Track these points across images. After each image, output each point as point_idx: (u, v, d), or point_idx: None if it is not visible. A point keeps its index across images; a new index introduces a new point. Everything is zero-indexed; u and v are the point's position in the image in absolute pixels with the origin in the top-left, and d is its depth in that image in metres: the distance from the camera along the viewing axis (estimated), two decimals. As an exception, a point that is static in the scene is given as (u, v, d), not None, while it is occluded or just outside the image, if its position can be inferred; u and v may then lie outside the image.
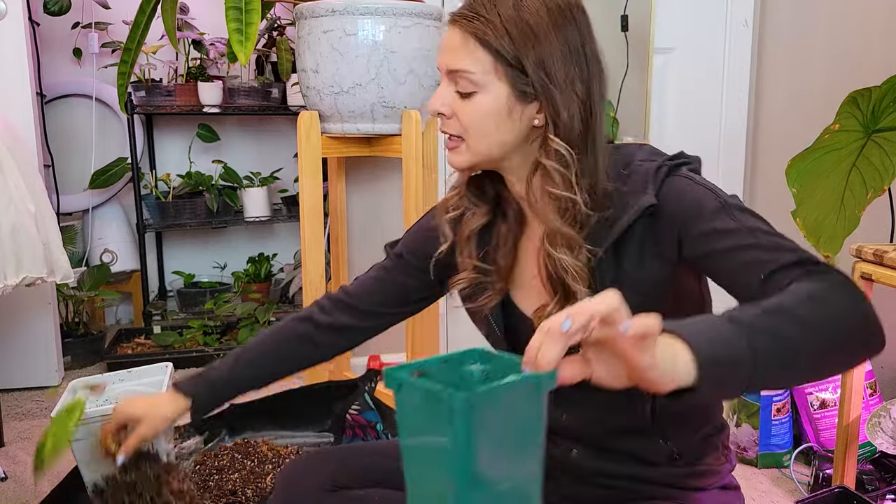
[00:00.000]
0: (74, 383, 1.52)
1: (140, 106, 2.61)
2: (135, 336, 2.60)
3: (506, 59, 0.88)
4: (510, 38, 0.87)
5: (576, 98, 0.89)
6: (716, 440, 1.02)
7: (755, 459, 1.77)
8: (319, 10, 1.82)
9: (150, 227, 2.71)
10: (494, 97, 0.89)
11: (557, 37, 0.88)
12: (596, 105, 0.92)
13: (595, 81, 0.92)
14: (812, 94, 2.21)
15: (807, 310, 0.71)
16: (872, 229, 1.90)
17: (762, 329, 0.68)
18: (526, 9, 0.88)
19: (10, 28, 2.06)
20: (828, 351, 0.72)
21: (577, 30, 0.90)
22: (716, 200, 0.87)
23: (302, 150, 1.95)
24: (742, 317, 0.69)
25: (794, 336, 0.69)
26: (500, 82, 0.89)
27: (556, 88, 0.88)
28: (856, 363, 0.77)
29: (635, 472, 0.98)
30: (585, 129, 0.91)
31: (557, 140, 0.89)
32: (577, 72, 0.89)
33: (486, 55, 0.88)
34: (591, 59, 0.91)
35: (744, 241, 0.82)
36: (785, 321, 0.69)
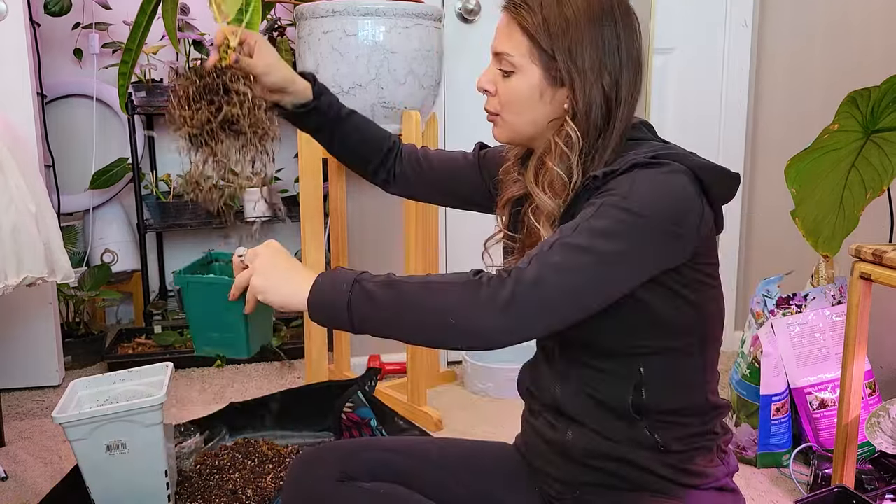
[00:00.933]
0: (75, 383, 1.53)
1: (140, 106, 2.62)
2: (135, 336, 2.61)
3: (541, 46, 0.98)
4: (547, 27, 0.97)
5: (601, 89, 0.97)
6: (709, 443, 1.04)
7: (754, 459, 1.78)
8: (320, 11, 1.82)
9: (150, 227, 2.72)
10: (528, 79, 1.00)
11: (592, 30, 0.97)
12: (622, 100, 0.99)
13: (625, 79, 0.99)
14: (811, 95, 2.21)
15: (415, 296, 0.90)
16: (872, 229, 1.90)
17: (372, 297, 0.90)
18: (568, 4, 0.98)
19: (10, 28, 2.07)
20: (409, 329, 0.91)
21: (614, 27, 0.98)
22: (609, 207, 0.92)
23: (302, 150, 1.95)
24: (371, 283, 0.91)
25: (393, 310, 0.90)
26: (534, 66, 0.99)
27: (580, 77, 0.97)
28: (449, 347, 0.95)
29: (626, 455, 1.01)
30: (605, 120, 0.99)
31: (571, 124, 0.98)
32: (607, 65, 0.98)
33: (525, 40, 0.99)
34: (626, 57, 0.99)
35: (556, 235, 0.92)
36: (392, 296, 0.90)
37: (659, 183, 0.94)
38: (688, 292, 0.98)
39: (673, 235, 0.93)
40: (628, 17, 1.00)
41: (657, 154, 0.97)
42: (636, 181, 0.93)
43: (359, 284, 0.91)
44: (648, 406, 1.00)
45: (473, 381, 2.24)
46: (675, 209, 0.93)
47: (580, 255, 0.89)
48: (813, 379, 1.74)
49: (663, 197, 0.93)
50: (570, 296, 0.90)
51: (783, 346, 1.75)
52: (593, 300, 0.91)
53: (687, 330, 1.00)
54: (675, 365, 1.01)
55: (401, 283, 0.91)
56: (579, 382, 1.04)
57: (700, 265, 0.99)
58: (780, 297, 1.79)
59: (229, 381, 2.34)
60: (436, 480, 1.11)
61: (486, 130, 1.10)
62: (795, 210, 1.76)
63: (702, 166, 0.98)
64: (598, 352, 1.02)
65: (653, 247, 0.92)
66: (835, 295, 1.77)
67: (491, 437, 1.57)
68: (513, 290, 0.87)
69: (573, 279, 0.89)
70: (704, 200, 0.97)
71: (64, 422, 1.36)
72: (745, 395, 1.78)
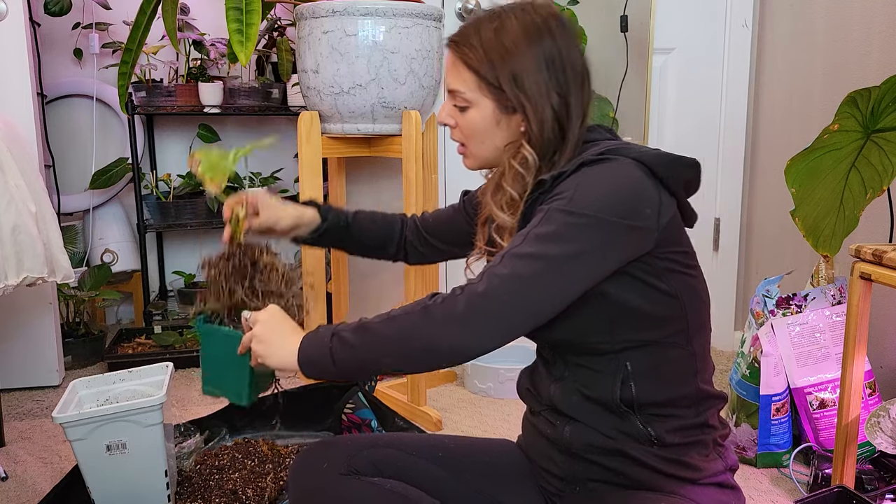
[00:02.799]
0: (75, 383, 1.53)
1: (141, 106, 2.62)
2: (135, 336, 2.61)
3: (486, 80, 1.02)
4: (489, 60, 1.01)
5: (551, 109, 1.01)
6: (704, 436, 1.04)
7: (754, 459, 1.78)
8: (320, 11, 1.82)
9: (150, 227, 2.72)
10: (483, 111, 1.04)
11: (532, 53, 1.00)
12: (573, 115, 1.02)
13: (574, 93, 1.02)
14: (811, 95, 2.21)
15: (382, 332, 0.96)
16: (871, 229, 1.90)
17: (350, 344, 0.97)
18: (504, 31, 1.01)
19: (10, 28, 2.07)
20: (388, 358, 0.96)
21: (553, 42, 1.01)
22: (554, 212, 0.95)
23: (302, 150, 1.96)
24: (346, 332, 0.98)
25: (368, 350, 0.96)
26: (485, 98, 1.03)
27: (530, 102, 1.01)
28: (427, 369, 1.00)
29: (622, 448, 1.02)
30: (560, 137, 1.03)
31: (527, 147, 1.03)
32: (552, 83, 1.01)
33: (471, 76, 1.03)
34: (571, 71, 1.02)
35: (507, 247, 0.97)
36: (365, 338, 0.97)
37: (605, 179, 0.96)
38: (660, 282, 0.99)
39: (625, 228, 0.94)
40: (565, 30, 1.03)
41: (605, 150, 1.00)
42: (582, 181, 0.96)
43: (336, 336, 0.98)
44: (639, 399, 1.01)
45: (473, 381, 2.24)
46: (624, 203, 0.95)
47: (527, 263, 0.93)
48: (813, 379, 1.74)
49: (610, 193, 0.95)
50: (521, 304, 0.93)
51: (783, 346, 1.75)
52: (546, 305, 0.94)
53: (667, 320, 1.01)
54: (661, 357, 1.02)
55: (369, 325, 0.97)
56: (571, 381, 1.06)
57: (668, 253, 0.99)
58: (780, 297, 1.79)
59: (229, 381, 2.34)
60: (439, 477, 1.11)
61: (487, 130, 1.13)
62: (795, 210, 1.76)
63: (651, 156, 0.99)
64: (585, 350, 1.03)
65: (603, 244, 0.94)
66: (835, 295, 1.77)
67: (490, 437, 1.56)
68: (465, 304, 0.92)
69: (521, 287, 0.93)
70: (662, 189, 0.99)
71: (64, 422, 1.36)
72: (745, 395, 1.78)
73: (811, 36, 2.21)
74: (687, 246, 1.04)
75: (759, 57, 2.47)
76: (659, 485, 1.02)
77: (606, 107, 2.45)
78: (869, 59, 1.97)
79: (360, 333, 0.97)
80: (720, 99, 2.53)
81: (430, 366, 0.98)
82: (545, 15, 1.02)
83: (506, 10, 1.03)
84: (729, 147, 2.54)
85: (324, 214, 1.31)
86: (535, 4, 1.04)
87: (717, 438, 1.06)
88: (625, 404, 1.01)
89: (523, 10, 1.03)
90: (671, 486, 1.02)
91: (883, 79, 1.59)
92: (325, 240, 1.34)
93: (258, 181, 2.80)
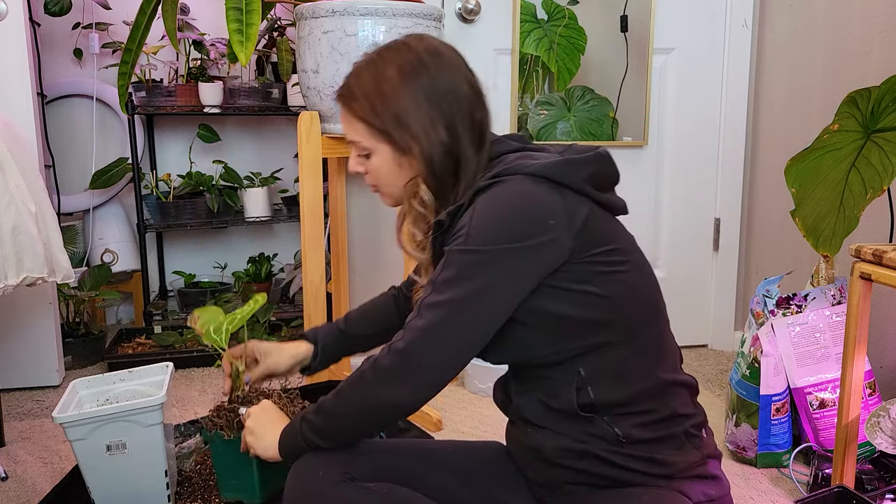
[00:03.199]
0: (75, 383, 1.53)
1: (141, 106, 2.62)
2: (135, 336, 2.61)
3: (375, 127, 1.05)
4: (373, 108, 1.05)
5: (438, 142, 1.03)
6: (675, 430, 1.04)
7: (754, 459, 1.78)
8: (320, 11, 1.82)
9: (150, 227, 2.72)
10: (382, 156, 1.07)
11: (409, 92, 1.03)
12: (463, 144, 1.04)
13: (461, 120, 1.05)
14: (811, 95, 2.21)
15: (336, 409, 1.04)
16: (872, 229, 1.90)
17: (315, 427, 1.05)
18: (381, 75, 1.05)
19: (10, 28, 2.07)
20: (343, 429, 1.06)
21: (430, 76, 1.04)
22: (454, 254, 0.98)
23: (302, 150, 1.95)
24: (310, 415, 1.06)
25: (322, 431, 1.05)
26: (381, 144, 1.06)
27: (416, 140, 1.04)
28: (389, 426, 1.16)
29: (592, 450, 1.03)
30: (454, 169, 1.05)
31: (423, 186, 1.06)
32: (436, 116, 1.03)
33: (362, 126, 1.07)
34: (453, 99, 1.04)
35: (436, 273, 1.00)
36: (324, 418, 1.04)
37: (498, 204, 0.98)
38: (590, 287, 0.99)
39: (527, 249, 0.95)
40: (441, 61, 1.05)
41: (498, 172, 1.01)
42: (476, 213, 0.98)
43: (304, 422, 1.06)
44: (598, 402, 1.02)
45: (473, 381, 2.24)
46: (522, 223, 0.96)
47: (438, 312, 0.96)
48: (813, 379, 1.74)
49: (504, 218, 0.96)
50: (442, 352, 0.97)
51: (783, 346, 1.75)
52: (475, 339, 0.98)
53: (607, 321, 1.01)
54: (612, 356, 1.02)
55: (324, 403, 1.05)
56: (534, 392, 1.07)
57: (591, 256, 0.99)
58: (780, 297, 1.79)
59: (229, 381, 2.34)
60: (436, 481, 1.11)
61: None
62: (795, 210, 1.76)
63: (543, 166, 0.99)
64: (538, 364, 1.04)
65: (508, 272, 0.96)
66: (835, 295, 1.77)
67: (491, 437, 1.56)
68: (391, 362, 0.98)
69: (438, 336, 0.96)
70: (568, 193, 0.99)
71: (64, 422, 1.36)
72: (745, 395, 1.78)
73: (811, 36, 2.21)
74: (615, 241, 1.03)
75: (759, 57, 2.47)
76: (633, 482, 1.02)
77: (606, 107, 2.45)
78: (869, 59, 1.97)
79: (322, 415, 1.04)
80: (720, 99, 2.53)
81: (386, 423, 1.05)
82: (419, 51, 1.05)
83: (381, 54, 1.07)
84: (729, 147, 2.54)
85: (313, 339, 1.35)
86: (409, 43, 1.07)
87: (689, 429, 1.05)
88: (585, 409, 1.02)
89: (398, 51, 1.06)
90: (646, 483, 1.02)
91: (883, 79, 1.59)
92: (329, 359, 1.36)
93: (258, 181, 2.80)
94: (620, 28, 2.42)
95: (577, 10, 2.38)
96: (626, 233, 1.07)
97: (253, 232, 3.08)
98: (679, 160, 2.55)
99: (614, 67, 2.44)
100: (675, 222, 2.57)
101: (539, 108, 2.42)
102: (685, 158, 2.55)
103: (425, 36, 1.09)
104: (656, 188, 2.56)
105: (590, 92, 2.43)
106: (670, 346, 1.09)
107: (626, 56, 2.44)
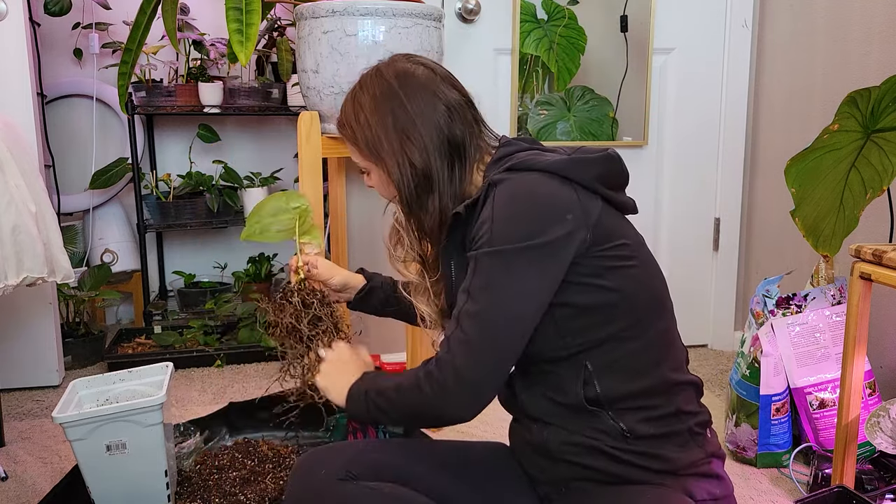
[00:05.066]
0: (75, 383, 1.53)
1: (140, 106, 2.62)
2: (135, 336, 2.61)
3: (361, 149, 1.12)
4: (354, 134, 1.12)
5: (409, 165, 1.07)
6: (679, 427, 1.05)
7: (754, 459, 1.78)
8: (319, 11, 1.82)
9: (150, 227, 2.72)
10: (378, 174, 1.13)
11: (380, 118, 1.09)
12: (433, 162, 1.07)
13: (430, 139, 1.07)
14: (811, 95, 2.21)
15: (400, 404, 1.05)
16: (871, 229, 1.90)
17: (375, 405, 1.07)
18: (358, 104, 1.12)
19: (10, 28, 2.07)
20: (406, 420, 1.18)
21: (400, 101, 1.08)
22: (481, 259, 1.00)
23: (302, 150, 1.95)
24: (374, 395, 1.07)
25: (386, 413, 1.07)
26: (371, 164, 1.13)
27: (386, 165, 1.09)
28: (438, 425, 1.17)
29: (597, 445, 1.03)
30: (428, 188, 1.08)
31: (400, 207, 1.12)
32: (406, 141, 1.07)
33: (353, 148, 1.14)
34: (420, 120, 1.08)
35: (458, 306, 1.02)
36: (384, 402, 1.06)
37: (518, 201, 0.99)
38: (601, 280, 1.01)
39: (553, 242, 0.97)
40: (410, 82, 1.09)
41: (511, 165, 1.03)
42: (495, 212, 0.99)
43: (369, 397, 1.08)
44: (604, 396, 1.03)
45: (473, 381, 2.23)
46: (544, 218, 0.97)
47: (480, 321, 0.98)
48: (813, 379, 1.74)
49: (526, 214, 0.98)
50: (494, 357, 0.99)
51: (783, 346, 1.75)
52: (517, 341, 0.99)
53: (616, 315, 1.02)
54: (619, 351, 1.03)
55: (387, 391, 1.07)
56: (539, 388, 1.08)
57: (604, 251, 1.01)
58: (780, 297, 1.79)
59: (229, 381, 2.34)
60: (438, 481, 1.12)
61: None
62: (795, 210, 1.76)
63: (555, 162, 1.01)
64: (544, 359, 1.05)
65: (540, 266, 0.97)
66: (835, 295, 1.77)
67: (492, 437, 1.57)
68: (453, 379, 0.98)
69: (486, 344, 0.98)
70: (580, 190, 1.00)
71: (64, 422, 1.36)
72: (745, 395, 1.78)
73: (811, 36, 2.21)
74: (625, 237, 1.05)
75: (759, 57, 2.47)
76: (638, 479, 1.03)
77: (606, 107, 2.45)
78: (869, 59, 1.97)
79: (384, 400, 1.07)
80: (720, 99, 2.53)
81: (447, 426, 1.14)
82: (389, 77, 1.10)
83: (362, 82, 1.13)
84: (729, 147, 2.54)
85: (368, 277, 1.42)
86: (380, 68, 1.12)
87: (693, 427, 1.06)
88: (592, 403, 1.03)
89: (371, 78, 1.12)
90: (650, 480, 1.03)
91: (883, 79, 1.59)
92: (371, 299, 1.41)
93: (258, 181, 2.80)
94: (620, 28, 2.42)
95: (577, 10, 2.38)
96: (635, 231, 1.09)
97: (253, 232, 3.08)
98: (679, 160, 2.55)
99: (614, 67, 2.44)
100: (675, 222, 2.57)
101: (539, 108, 2.42)
102: (685, 158, 2.55)
103: (399, 58, 1.14)
104: (656, 188, 2.56)
105: (590, 92, 2.43)
106: (677, 344, 1.10)
107: (626, 56, 2.44)
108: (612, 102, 2.45)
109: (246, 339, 2.54)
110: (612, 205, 1.05)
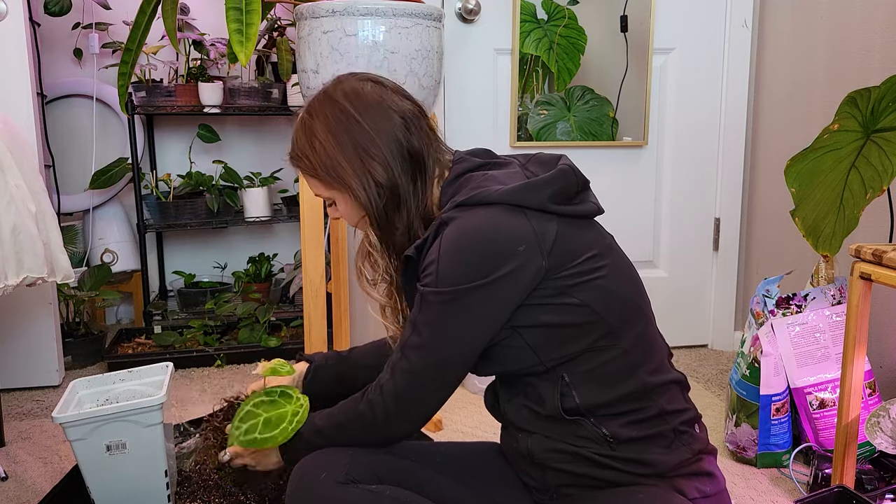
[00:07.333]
0: (75, 383, 1.53)
1: (140, 106, 2.62)
2: (135, 336, 2.61)
3: (321, 179, 1.09)
4: (312, 164, 1.08)
5: (373, 184, 1.06)
6: (663, 428, 1.04)
7: (754, 459, 1.78)
8: (319, 11, 1.82)
9: (150, 227, 2.72)
10: (344, 202, 1.10)
11: (335, 143, 1.06)
12: (398, 176, 1.06)
13: (390, 153, 1.06)
14: (811, 95, 2.21)
15: (341, 437, 1.10)
16: (871, 229, 1.90)
17: (315, 446, 1.10)
18: (311, 132, 1.08)
19: (10, 28, 2.07)
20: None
21: (353, 122, 1.05)
22: (427, 295, 1.01)
23: (302, 150, 1.95)
24: (312, 437, 1.12)
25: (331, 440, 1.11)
26: (338, 192, 1.09)
27: (350, 188, 1.07)
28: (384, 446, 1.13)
29: (581, 451, 1.04)
30: (396, 203, 1.07)
31: (370, 229, 1.11)
32: (368, 159, 1.06)
33: (315, 181, 1.11)
34: (378, 137, 1.05)
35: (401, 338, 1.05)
36: (322, 440, 1.11)
37: (465, 243, 0.98)
38: (569, 298, 1.00)
39: (502, 279, 0.97)
40: (361, 100, 1.06)
41: (460, 203, 1.01)
42: (441, 253, 0.98)
43: (307, 443, 1.12)
44: (584, 406, 1.03)
45: (473, 381, 2.24)
46: (492, 256, 0.97)
47: (424, 353, 1.01)
48: (813, 379, 1.74)
49: (473, 253, 0.97)
50: (436, 386, 1.04)
51: (783, 346, 1.75)
52: (460, 370, 1.03)
53: (588, 329, 1.02)
54: (594, 362, 1.03)
55: (324, 430, 1.11)
56: (520, 399, 1.09)
57: (566, 269, 1.00)
58: (780, 297, 1.79)
59: (229, 381, 2.34)
60: (437, 483, 1.12)
61: (487, 129, 1.13)
62: (795, 210, 1.76)
63: (504, 194, 1.00)
64: (523, 373, 1.06)
65: (486, 304, 0.98)
66: (835, 295, 1.77)
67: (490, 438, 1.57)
68: (390, 407, 1.04)
69: (429, 374, 1.02)
70: (533, 215, 0.99)
71: (64, 422, 1.36)
72: (745, 395, 1.78)
73: (811, 36, 2.21)
74: (590, 248, 1.03)
75: (759, 57, 2.47)
76: (627, 482, 1.03)
77: (606, 107, 2.45)
78: (869, 59, 1.97)
79: (323, 440, 1.11)
80: (720, 99, 2.53)
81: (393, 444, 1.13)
82: (339, 98, 1.07)
83: (310, 110, 1.10)
84: (729, 147, 2.54)
85: (309, 360, 1.39)
86: (328, 91, 1.09)
87: (678, 426, 1.06)
88: (571, 413, 1.03)
89: (321, 103, 1.09)
90: (639, 482, 1.03)
91: (883, 79, 1.59)
92: (322, 377, 1.37)
93: (258, 181, 2.80)
94: (620, 28, 2.42)
95: (577, 10, 2.38)
96: (601, 235, 1.07)
97: (253, 232, 3.08)
98: (679, 160, 2.55)
99: (614, 67, 2.44)
100: (675, 222, 2.57)
101: (539, 108, 2.42)
102: (685, 158, 2.55)
103: (344, 77, 1.12)
104: (656, 188, 2.56)
105: (590, 92, 2.43)
106: (655, 344, 1.09)
107: (626, 56, 2.44)
108: (612, 102, 2.45)
109: (246, 339, 2.54)
110: (572, 217, 1.03)
